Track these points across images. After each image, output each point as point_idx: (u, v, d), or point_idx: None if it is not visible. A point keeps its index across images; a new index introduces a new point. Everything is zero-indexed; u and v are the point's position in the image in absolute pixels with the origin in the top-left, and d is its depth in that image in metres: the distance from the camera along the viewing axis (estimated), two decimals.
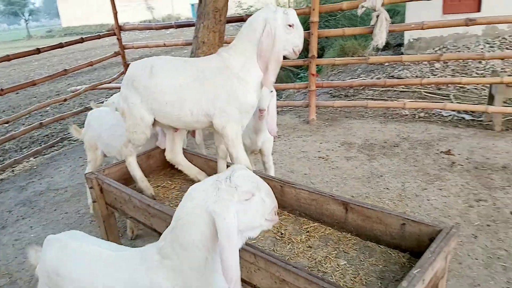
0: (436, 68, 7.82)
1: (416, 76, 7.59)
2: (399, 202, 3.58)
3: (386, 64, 8.67)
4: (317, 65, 5.97)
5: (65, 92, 10.19)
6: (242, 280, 1.89)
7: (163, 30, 23.94)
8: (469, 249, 2.91)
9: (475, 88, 6.66)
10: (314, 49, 5.42)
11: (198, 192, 1.39)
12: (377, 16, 4.81)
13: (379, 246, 1.98)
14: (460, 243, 2.96)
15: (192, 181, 2.88)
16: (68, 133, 5.12)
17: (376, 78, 8.00)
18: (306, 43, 7.58)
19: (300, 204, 2.30)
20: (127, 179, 2.82)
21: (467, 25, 4.38)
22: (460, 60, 7.68)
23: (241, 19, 6.00)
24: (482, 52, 7.61)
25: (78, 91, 6.62)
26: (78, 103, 8.99)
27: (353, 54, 9.50)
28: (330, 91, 7.82)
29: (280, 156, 4.79)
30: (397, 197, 3.66)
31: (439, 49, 8.57)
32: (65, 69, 6.23)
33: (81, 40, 6.34)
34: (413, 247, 1.86)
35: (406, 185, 3.86)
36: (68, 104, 8.56)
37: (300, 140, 5.32)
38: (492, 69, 7.14)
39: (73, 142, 6.32)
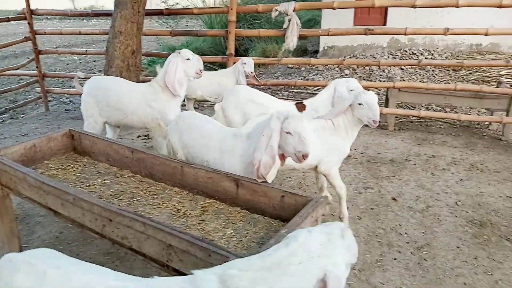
0: (346, 74, 8.50)
1: (328, 80, 8.19)
2: (298, 189, 3.89)
3: (303, 68, 9.23)
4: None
5: None
6: (133, 250, 1.99)
7: (87, 22, 22.67)
8: (353, 228, 3.28)
9: (377, 93, 7.38)
10: (231, 48, 5.63)
11: (315, 244, 1.24)
12: (289, 20, 5.15)
13: (264, 217, 2.20)
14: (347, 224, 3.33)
15: (94, 164, 2.89)
16: None
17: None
18: (220, 40, 7.67)
19: (198, 183, 2.44)
20: (26, 160, 2.75)
21: (366, 34, 4.88)
22: (367, 68, 8.45)
23: (161, 13, 6.03)
24: (379, 59, 8.42)
25: None
26: None
27: (273, 56, 9.95)
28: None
29: None
30: (297, 185, 3.98)
31: (350, 57, 9.31)
32: None
33: None
34: (292, 216, 2.09)
35: (306, 175, 4.20)
36: None
37: None
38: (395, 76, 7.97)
39: None
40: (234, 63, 5.51)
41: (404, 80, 7.58)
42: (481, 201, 3.69)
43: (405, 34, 4.76)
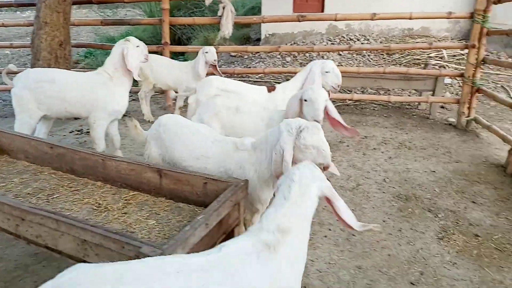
0: (287, 62, 8.62)
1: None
2: None
3: (246, 56, 9.24)
4: (173, 52, 6.07)
5: None
6: (49, 248, 1.91)
7: (20, 13, 21.16)
8: None
9: None
10: (166, 36, 5.50)
11: (306, 176, 1.63)
12: (223, 8, 5.12)
13: (188, 206, 2.20)
14: None
15: (13, 163, 2.74)
16: None
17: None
18: (160, 30, 7.55)
19: (120, 175, 2.39)
20: None
21: (299, 21, 4.97)
22: (307, 54, 8.61)
23: (90, 1, 5.76)
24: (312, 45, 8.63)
25: None
26: None
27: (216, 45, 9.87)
28: None
29: (132, 141, 4.77)
30: None
31: (291, 43, 9.44)
32: None
33: None
34: None
35: None
36: None
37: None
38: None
39: None
40: (171, 52, 5.41)
41: (342, 65, 7.83)
42: (407, 177, 3.92)
43: (335, 20, 4.90)
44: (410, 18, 4.73)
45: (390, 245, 2.94)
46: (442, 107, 5.92)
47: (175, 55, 10.42)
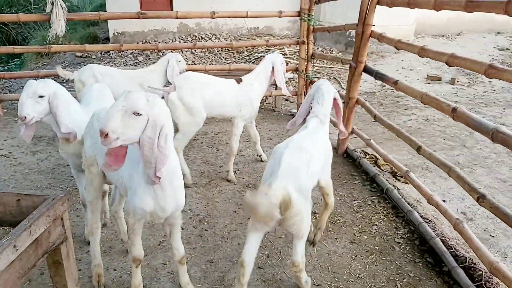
0: (140, 61, 8.31)
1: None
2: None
3: (94, 56, 8.61)
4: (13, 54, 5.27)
5: None
6: None
7: None
8: None
9: None
10: None
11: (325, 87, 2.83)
12: (52, 4, 4.62)
13: (3, 228, 1.90)
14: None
15: None
16: None
17: None
18: None
19: None
20: None
21: (139, 18, 4.79)
22: (160, 53, 8.42)
23: None
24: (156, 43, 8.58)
25: None
26: None
27: (53, 43, 8.93)
28: None
29: None
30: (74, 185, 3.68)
31: (142, 42, 9.13)
32: None
33: None
34: None
35: None
36: None
37: None
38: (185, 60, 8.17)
39: None
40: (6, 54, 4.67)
41: (195, 64, 7.88)
42: (256, 167, 4.14)
43: (176, 18, 4.87)
44: (246, 17, 4.99)
45: (240, 234, 3.05)
46: (286, 99, 6.43)
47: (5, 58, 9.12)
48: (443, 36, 10.80)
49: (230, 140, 3.90)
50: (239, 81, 3.92)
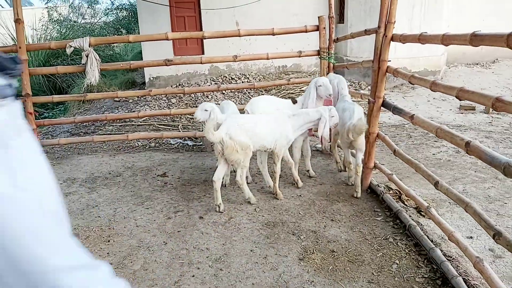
0: (173, 103, 8.71)
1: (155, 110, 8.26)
2: (106, 227, 3.77)
3: (131, 100, 9.12)
4: (40, 105, 5.75)
5: None
6: None
7: None
8: (157, 255, 3.31)
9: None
10: (27, 88, 5.20)
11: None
12: (87, 56, 5.05)
13: None
14: (151, 252, 3.35)
15: None
16: None
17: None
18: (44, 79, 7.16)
19: None
20: None
21: (166, 65, 5.10)
22: (192, 95, 8.82)
23: None
24: (183, 87, 8.93)
25: None
26: None
27: (98, 91, 9.59)
28: (71, 129, 7.62)
29: None
30: (105, 224, 3.84)
31: (176, 86, 9.59)
32: None
33: None
34: None
35: (118, 210, 4.11)
36: None
37: None
38: (214, 101, 8.48)
39: None
40: (33, 103, 5.13)
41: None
42: (276, 204, 4.15)
43: (201, 63, 5.14)
44: (267, 58, 5.18)
45: (255, 274, 3.04)
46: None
47: (44, 108, 9.86)
48: (477, 64, 10.53)
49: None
50: (294, 101, 4.74)
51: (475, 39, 2.51)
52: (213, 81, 9.61)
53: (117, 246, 3.45)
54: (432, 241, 3.24)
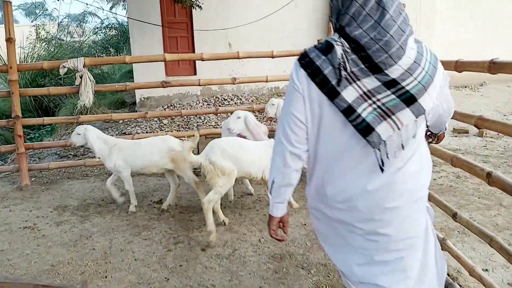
0: (164, 124, 8.52)
1: (146, 132, 8.04)
2: (102, 261, 3.52)
3: (121, 121, 8.90)
4: (26, 125, 5.50)
5: None
6: None
7: None
8: None
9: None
10: (17, 109, 4.98)
11: None
12: (81, 77, 4.87)
13: None
14: None
15: None
16: None
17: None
18: (10, 102, 6.96)
19: None
20: None
21: (163, 87, 4.95)
22: (185, 116, 8.64)
23: None
24: (180, 109, 8.84)
25: None
26: None
27: (87, 112, 9.34)
28: (59, 152, 7.34)
29: None
30: (101, 257, 3.59)
31: (167, 106, 9.42)
32: None
33: None
34: None
35: (114, 242, 3.86)
36: None
37: (6, 210, 4.66)
38: (208, 123, 8.34)
39: None
40: (23, 125, 4.90)
41: (216, 127, 8.02)
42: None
43: (199, 85, 5.01)
44: (266, 81, 5.08)
45: None
46: None
47: (30, 128, 9.55)
48: (465, 87, 10.71)
49: None
50: None
51: (494, 67, 2.48)
52: (205, 101, 9.49)
53: (115, 283, 3.20)
54: (448, 274, 3.11)
